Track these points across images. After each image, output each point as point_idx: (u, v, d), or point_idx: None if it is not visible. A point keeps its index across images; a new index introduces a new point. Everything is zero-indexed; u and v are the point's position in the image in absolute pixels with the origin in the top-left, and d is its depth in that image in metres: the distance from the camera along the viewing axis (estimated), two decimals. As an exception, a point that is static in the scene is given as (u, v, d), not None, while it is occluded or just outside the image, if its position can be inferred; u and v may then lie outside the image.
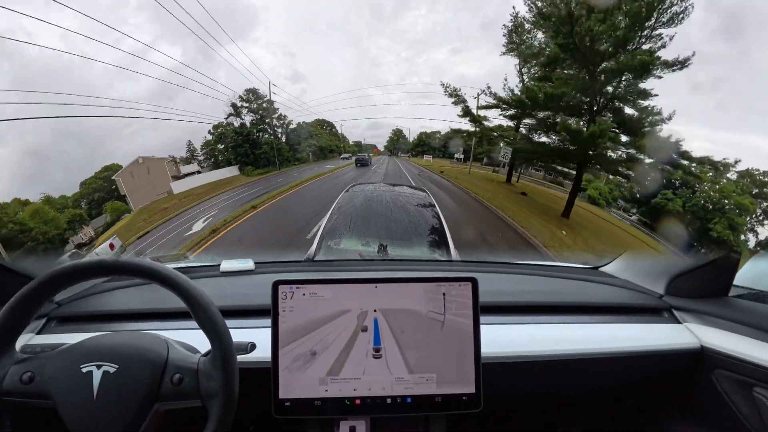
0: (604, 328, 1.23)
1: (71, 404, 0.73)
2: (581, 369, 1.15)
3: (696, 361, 1.16)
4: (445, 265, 2.01)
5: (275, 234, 9.86)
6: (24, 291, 0.76)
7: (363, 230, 2.97)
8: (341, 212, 3.28)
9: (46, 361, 0.76)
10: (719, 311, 1.22)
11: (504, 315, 1.23)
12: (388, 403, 0.94)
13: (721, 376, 1.11)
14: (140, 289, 1.34)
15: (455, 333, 0.96)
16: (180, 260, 2.36)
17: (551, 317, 1.25)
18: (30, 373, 0.74)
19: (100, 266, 0.81)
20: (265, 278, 1.21)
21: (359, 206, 3.46)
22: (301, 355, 0.93)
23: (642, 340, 1.18)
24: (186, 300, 0.80)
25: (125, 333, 0.87)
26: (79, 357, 0.77)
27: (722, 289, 1.29)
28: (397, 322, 0.96)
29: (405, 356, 0.95)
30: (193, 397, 0.75)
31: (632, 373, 1.20)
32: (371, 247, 2.71)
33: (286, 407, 0.92)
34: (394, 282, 0.98)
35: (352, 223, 3.09)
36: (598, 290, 1.48)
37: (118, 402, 0.74)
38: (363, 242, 2.80)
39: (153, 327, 1.09)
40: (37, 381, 0.74)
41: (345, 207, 3.41)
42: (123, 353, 0.78)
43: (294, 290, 0.95)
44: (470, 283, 0.98)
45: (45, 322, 1.17)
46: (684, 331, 1.23)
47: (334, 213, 3.23)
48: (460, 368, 0.95)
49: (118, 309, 1.23)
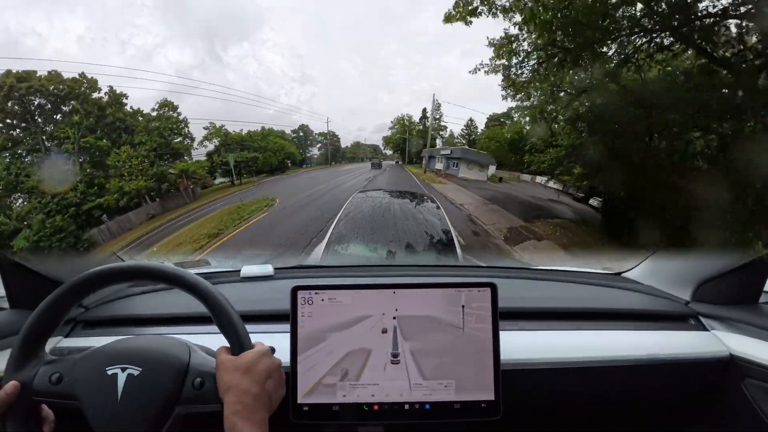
0: (628, 335, 1.20)
1: (96, 405, 0.75)
2: (604, 376, 1.12)
3: (725, 369, 1.12)
4: (462, 270, 1.99)
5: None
6: (53, 296, 0.79)
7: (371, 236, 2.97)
8: (349, 218, 3.28)
9: (73, 363, 0.79)
10: (749, 318, 1.18)
11: (524, 321, 1.21)
12: (406, 409, 0.94)
13: (752, 385, 1.07)
14: (164, 294, 1.37)
15: (474, 339, 0.95)
16: (202, 266, 2.41)
17: (572, 324, 1.22)
18: (58, 374, 0.77)
19: (124, 271, 0.83)
20: (285, 283, 1.23)
21: (367, 212, 3.46)
22: (319, 360, 0.94)
23: (667, 348, 1.15)
24: (207, 304, 0.82)
25: (149, 337, 0.89)
26: (105, 359, 0.79)
27: (752, 296, 1.24)
28: (415, 328, 0.96)
29: (423, 362, 0.95)
30: (214, 401, 0.76)
31: (657, 381, 1.17)
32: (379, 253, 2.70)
33: (305, 412, 0.93)
34: (413, 288, 0.98)
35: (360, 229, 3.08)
36: (621, 296, 1.44)
37: (141, 404, 0.75)
38: (371, 248, 2.80)
39: (176, 331, 1.12)
40: (65, 382, 0.76)
41: (353, 213, 3.41)
42: (146, 357, 0.80)
43: (313, 295, 0.96)
44: (489, 288, 0.97)
45: (73, 325, 1.21)
46: (712, 338, 1.19)
47: (341, 218, 3.23)
48: (479, 375, 0.95)
49: (142, 313, 1.26)
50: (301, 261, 2.25)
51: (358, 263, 2.46)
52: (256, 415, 0.72)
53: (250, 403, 0.73)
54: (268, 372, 0.78)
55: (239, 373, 0.75)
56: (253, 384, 0.75)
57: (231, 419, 0.70)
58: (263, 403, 0.75)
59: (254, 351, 0.80)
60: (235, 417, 0.71)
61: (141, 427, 0.74)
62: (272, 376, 0.79)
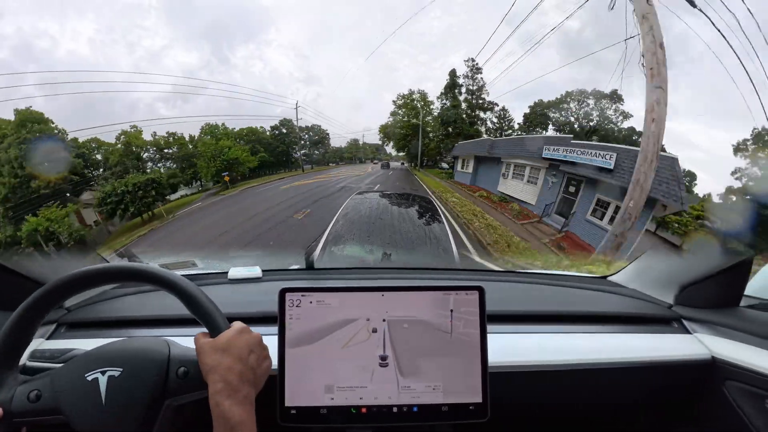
0: (613, 338, 1.22)
1: (82, 414, 0.73)
2: (589, 379, 1.14)
3: (707, 372, 1.15)
4: (451, 273, 2.00)
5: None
6: (27, 303, 0.76)
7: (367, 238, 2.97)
8: (346, 219, 3.28)
9: (50, 378, 0.76)
10: (730, 322, 1.20)
11: (511, 324, 1.22)
12: (394, 412, 0.94)
13: (733, 387, 1.10)
14: (149, 296, 1.35)
15: (462, 342, 0.96)
16: (188, 267, 2.38)
17: (559, 327, 1.24)
18: (36, 390, 0.74)
19: (105, 273, 0.82)
20: (273, 286, 1.22)
21: (364, 214, 3.47)
22: (307, 363, 0.93)
23: (652, 351, 1.17)
24: (176, 293, 0.81)
25: (126, 339, 0.87)
26: (82, 367, 0.77)
27: (733, 299, 1.27)
28: (403, 331, 0.95)
29: (411, 365, 0.95)
30: (201, 388, 0.75)
31: (642, 383, 1.18)
32: (374, 255, 2.71)
33: (292, 415, 0.92)
34: (401, 290, 0.98)
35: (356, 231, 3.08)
36: (606, 300, 1.46)
37: (128, 403, 0.74)
38: (366, 249, 2.80)
39: (160, 333, 1.10)
40: (45, 397, 0.74)
41: (350, 214, 3.41)
42: (125, 357, 0.79)
43: (301, 298, 0.95)
44: (477, 291, 0.97)
45: (55, 327, 1.19)
46: (694, 341, 1.21)
47: (339, 219, 3.23)
48: (467, 377, 0.95)
49: (126, 315, 1.24)
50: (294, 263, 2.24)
51: (350, 265, 2.46)
52: (240, 392, 0.71)
53: (234, 380, 0.72)
54: (249, 347, 0.77)
55: (219, 353, 0.74)
56: (236, 361, 0.74)
57: (214, 398, 0.70)
58: (248, 378, 0.74)
59: (232, 330, 0.79)
60: (218, 396, 0.70)
61: (131, 425, 0.73)
62: (254, 351, 0.78)
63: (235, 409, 0.69)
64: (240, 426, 0.69)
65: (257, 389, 0.78)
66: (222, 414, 0.68)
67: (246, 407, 0.71)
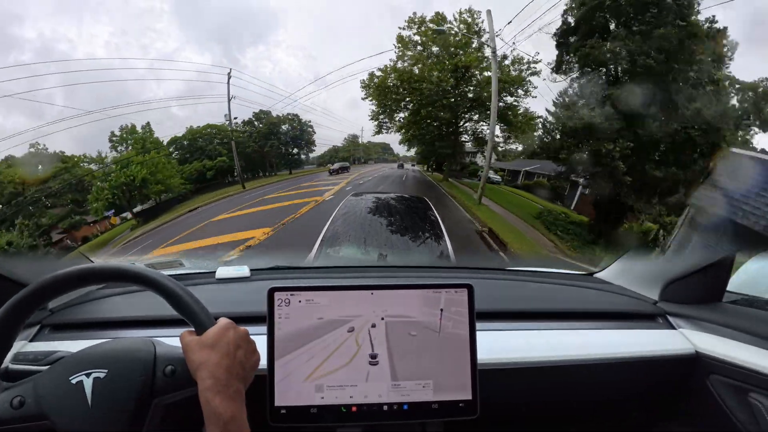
0: (599, 334, 1.23)
1: (68, 418, 0.71)
2: (577, 375, 1.15)
3: (691, 366, 1.17)
4: (441, 271, 2.01)
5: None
6: (8, 305, 0.74)
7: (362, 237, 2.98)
8: (344, 218, 3.28)
9: (33, 383, 0.75)
10: (713, 317, 1.23)
11: (500, 321, 1.23)
12: (384, 410, 0.94)
13: (717, 381, 1.12)
14: (135, 296, 1.33)
15: (451, 339, 0.96)
16: (175, 267, 2.35)
17: (547, 323, 1.25)
18: (20, 397, 0.72)
19: (90, 274, 0.80)
20: (261, 285, 1.21)
21: (360, 214, 3.48)
22: (296, 363, 0.93)
23: (637, 346, 1.19)
24: (159, 291, 0.79)
25: (111, 340, 0.86)
26: (66, 370, 0.75)
27: (716, 295, 1.30)
28: (393, 329, 0.96)
29: (401, 363, 0.95)
30: (189, 385, 0.74)
31: (627, 379, 1.20)
32: (370, 254, 2.71)
33: (282, 414, 0.91)
34: (390, 289, 0.98)
35: (352, 230, 3.09)
36: (593, 296, 1.48)
37: (115, 405, 0.73)
38: (362, 249, 2.81)
39: (146, 334, 1.08)
40: (29, 403, 0.72)
41: (348, 214, 3.42)
42: (110, 358, 0.77)
43: (290, 297, 0.95)
44: (466, 289, 0.98)
45: (38, 329, 1.16)
46: (679, 336, 1.23)
47: (336, 219, 3.23)
48: (457, 375, 0.95)
49: (112, 316, 1.22)
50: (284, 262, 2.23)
51: (342, 264, 2.45)
52: (229, 388, 0.70)
53: (223, 376, 0.71)
54: (236, 342, 0.76)
55: (207, 349, 0.73)
56: (223, 357, 0.73)
57: (204, 395, 0.69)
58: (237, 373, 0.73)
59: (218, 326, 0.78)
60: (208, 392, 0.69)
61: (120, 426, 0.71)
62: (241, 346, 0.77)
63: (226, 405, 0.68)
64: (232, 421, 0.68)
65: (247, 384, 0.77)
66: (213, 410, 0.68)
67: (237, 402, 0.71)
